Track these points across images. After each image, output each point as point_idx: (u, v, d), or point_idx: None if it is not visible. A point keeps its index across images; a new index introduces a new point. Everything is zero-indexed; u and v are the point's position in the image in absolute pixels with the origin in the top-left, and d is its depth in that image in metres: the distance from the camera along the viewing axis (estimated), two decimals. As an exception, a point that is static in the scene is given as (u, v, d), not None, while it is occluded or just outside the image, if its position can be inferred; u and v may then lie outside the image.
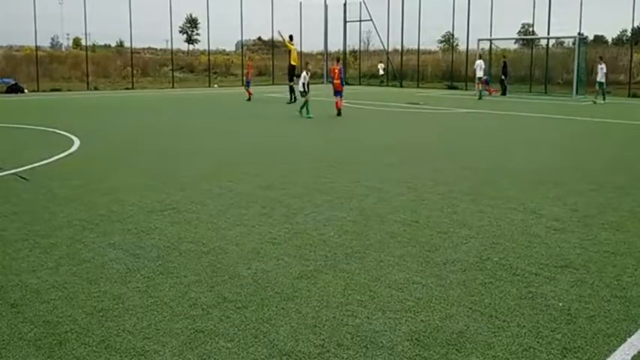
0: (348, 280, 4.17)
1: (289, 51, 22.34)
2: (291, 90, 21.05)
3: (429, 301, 3.82)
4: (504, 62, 28.06)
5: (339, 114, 16.46)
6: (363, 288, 4.04)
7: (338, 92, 16.65)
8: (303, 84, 16.74)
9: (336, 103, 16.53)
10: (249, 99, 22.26)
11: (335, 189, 7.13)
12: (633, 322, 3.52)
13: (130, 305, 3.73)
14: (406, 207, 6.28)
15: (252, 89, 23.08)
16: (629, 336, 3.36)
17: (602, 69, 22.81)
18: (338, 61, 18.38)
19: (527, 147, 11.15)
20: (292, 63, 21.99)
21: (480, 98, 24.33)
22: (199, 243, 4.99)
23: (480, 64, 25.10)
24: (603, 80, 22.82)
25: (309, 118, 15.93)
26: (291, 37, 22.71)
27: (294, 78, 20.93)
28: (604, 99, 22.76)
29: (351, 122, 15.73)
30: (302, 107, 16.34)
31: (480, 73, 24.93)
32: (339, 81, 16.69)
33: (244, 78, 23.69)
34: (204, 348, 3.19)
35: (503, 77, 27.80)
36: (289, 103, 20.57)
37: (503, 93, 27.42)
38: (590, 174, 8.27)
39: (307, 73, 17.15)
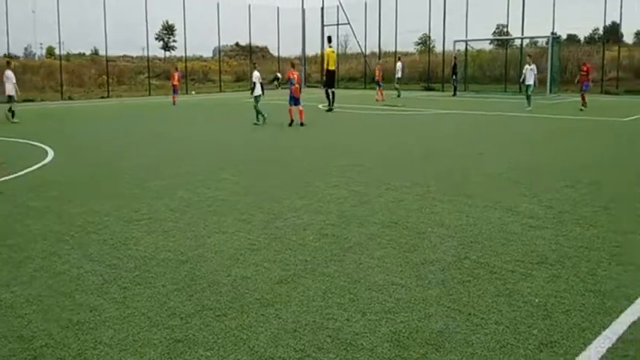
0: (327, 284, 4.17)
1: (326, 54, 20.26)
2: (332, 96, 19.66)
3: (409, 302, 3.84)
4: (455, 63, 28.62)
5: (302, 124, 15.12)
6: (342, 291, 4.04)
7: (297, 99, 15.32)
8: (253, 87, 16.13)
9: (300, 112, 15.18)
10: (174, 103, 23.93)
11: (314, 193, 7.13)
12: (608, 315, 3.58)
13: (106, 317, 3.68)
14: (385, 209, 6.31)
15: (177, 96, 24.72)
16: (604, 329, 3.41)
17: (532, 70, 19.28)
18: (293, 66, 16.50)
19: (502, 146, 11.29)
20: (330, 68, 19.83)
21: (398, 96, 25.94)
22: (177, 252, 4.95)
23: (399, 66, 27.31)
24: (531, 83, 19.33)
25: (258, 124, 15.44)
26: (329, 39, 20.96)
27: (332, 84, 19.88)
28: (529, 104, 19.44)
29: (329, 126, 15.76)
30: (258, 113, 15.76)
31: (399, 75, 27.13)
32: (298, 86, 15.50)
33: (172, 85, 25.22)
34: (183, 358, 3.16)
35: (453, 77, 28.49)
36: (328, 111, 19.37)
37: (454, 94, 28.08)
38: (564, 171, 8.40)
39: (259, 76, 16.29)
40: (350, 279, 4.26)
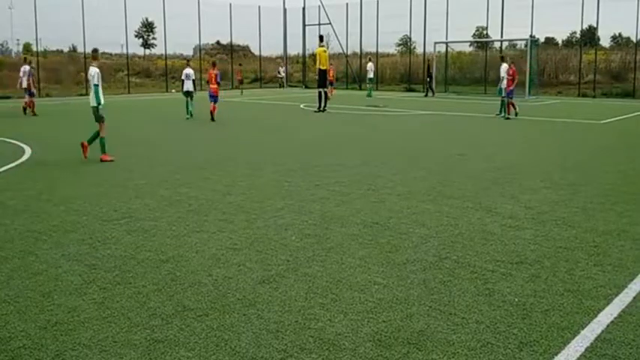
0: (309, 284, 4.17)
1: (317, 54, 19.75)
2: (319, 96, 19.12)
3: (390, 302, 3.86)
4: (429, 65, 29.01)
5: (213, 119, 16.20)
6: (324, 291, 4.04)
7: (214, 97, 16.49)
8: (182, 83, 17.42)
9: (213, 107, 16.36)
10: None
11: (296, 193, 7.12)
12: (586, 315, 3.64)
13: (85, 318, 3.62)
14: (367, 209, 6.32)
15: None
16: (582, 328, 3.47)
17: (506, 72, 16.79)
18: (214, 65, 17.53)
19: (481, 147, 11.40)
20: (321, 67, 19.25)
21: (369, 95, 27.40)
22: (158, 251, 4.90)
23: (370, 66, 28.59)
24: (502, 86, 17.06)
25: (190, 118, 16.79)
26: (321, 38, 20.40)
27: (327, 84, 19.68)
28: (503, 111, 17.23)
29: (312, 125, 15.76)
30: (188, 108, 17.05)
31: (370, 75, 28.68)
32: (215, 86, 16.71)
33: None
34: (164, 358, 3.13)
35: (428, 79, 28.97)
36: (317, 112, 19.00)
37: (428, 94, 28.55)
38: (542, 172, 8.52)
39: (188, 73, 17.41)
40: (332, 279, 4.26)
